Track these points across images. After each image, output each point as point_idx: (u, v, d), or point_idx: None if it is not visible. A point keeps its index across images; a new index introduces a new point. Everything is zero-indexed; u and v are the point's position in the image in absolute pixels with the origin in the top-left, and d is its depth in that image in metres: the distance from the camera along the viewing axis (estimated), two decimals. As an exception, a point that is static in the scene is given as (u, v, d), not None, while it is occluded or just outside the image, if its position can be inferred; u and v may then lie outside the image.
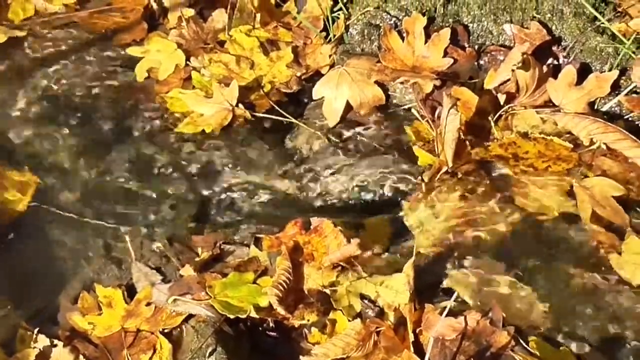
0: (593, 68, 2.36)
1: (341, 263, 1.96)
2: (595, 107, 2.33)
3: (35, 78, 2.59)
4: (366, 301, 1.93)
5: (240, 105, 2.42)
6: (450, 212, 2.13)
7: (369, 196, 2.24)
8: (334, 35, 2.58)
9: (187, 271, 2.02)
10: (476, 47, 2.48)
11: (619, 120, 2.29)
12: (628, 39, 2.31)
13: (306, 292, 1.95)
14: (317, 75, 2.52)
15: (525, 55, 2.24)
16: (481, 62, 2.46)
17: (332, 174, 2.29)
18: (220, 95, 2.42)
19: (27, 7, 2.79)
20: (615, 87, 2.31)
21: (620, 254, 1.99)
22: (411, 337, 1.82)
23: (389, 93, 2.44)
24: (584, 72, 2.32)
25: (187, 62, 2.59)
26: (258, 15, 2.65)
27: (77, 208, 2.25)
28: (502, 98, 2.30)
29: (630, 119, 2.31)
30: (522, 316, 1.90)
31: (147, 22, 2.76)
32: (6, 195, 2.25)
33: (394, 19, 2.52)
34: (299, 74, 2.53)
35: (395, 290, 1.90)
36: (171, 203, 2.27)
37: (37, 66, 2.63)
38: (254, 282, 1.98)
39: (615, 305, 1.93)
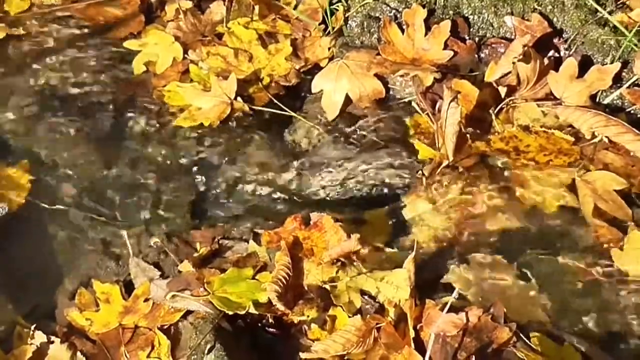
0: (595, 60, 2.34)
1: (341, 258, 1.95)
2: (597, 100, 2.32)
3: (31, 72, 2.58)
4: (366, 297, 1.92)
5: (239, 99, 2.41)
6: (451, 207, 2.12)
7: (368, 190, 2.23)
8: (333, 28, 2.56)
9: (186, 267, 2.01)
10: (477, 39, 2.47)
11: (621, 113, 2.28)
12: (630, 31, 2.30)
13: (306, 287, 1.94)
14: (316, 68, 2.51)
15: (526, 48, 2.23)
16: (482, 54, 2.45)
17: (332, 167, 2.28)
18: (219, 88, 2.41)
19: (23, 0, 2.77)
20: (617, 80, 2.30)
21: (622, 248, 1.98)
22: (412, 333, 1.81)
23: (389, 86, 2.43)
24: (585, 64, 2.31)
25: (185, 55, 2.57)
26: (256, 8, 2.64)
27: (75, 203, 2.24)
28: (502, 91, 2.30)
29: (632, 111, 2.30)
30: (523, 312, 1.90)
31: (144, 14, 2.74)
32: (3, 191, 2.24)
33: (393, 11, 2.50)
34: (297, 66, 2.52)
35: (395, 286, 1.89)
36: (169, 198, 2.26)
37: (33, 59, 2.62)
38: (253, 278, 1.97)
39: (617, 300, 1.93)
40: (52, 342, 1.93)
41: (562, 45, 2.39)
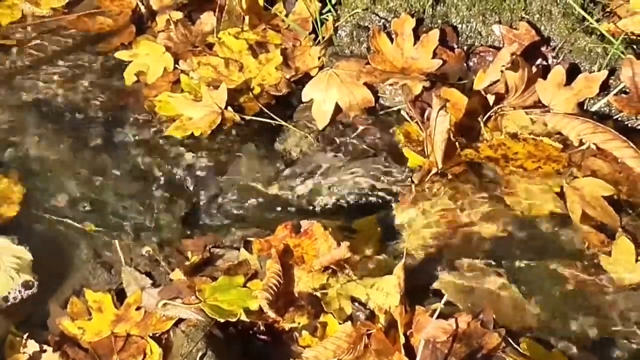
0: (582, 68, 2.36)
1: (331, 266, 1.96)
2: (585, 107, 2.33)
3: (22, 82, 2.58)
4: (357, 304, 1.93)
5: (230, 108, 2.42)
6: (441, 214, 2.13)
7: (359, 198, 2.24)
8: (323, 37, 2.58)
9: (177, 275, 2.01)
10: (465, 48, 2.48)
11: (609, 121, 2.29)
12: (617, 39, 2.32)
13: (297, 295, 1.95)
14: (306, 77, 2.52)
15: (514, 56, 2.24)
16: (470, 63, 2.47)
17: (322, 176, 2.29)
18: (209, 98, 2.41)
19: (14, 11, 2.78)
20: (605, 87, 2.31)
21: (610, 254, 1.99)
22: (402, 340, 1.82)
23: (379, 95, 2.44)
24: (573, 72, 2.32)
25: (176, 66, 2.58)
26: (247, 18, 2.65)
27: (66, 213, 2.24)
28: (491, 99, 2.31)
29: (619, 119, 2.32)
30: (513, 317, 1.91)
31: (135, 25, 2.75)
32: (-5, 201, 2.25)
33: (382, 20, 2.52)
34: (288, 76, 2.53)
35: (385, 293, 1.90)
36: (161, 207, 2.27)
37: (25, 70, 2.62)
38: (244, 286, 1.98)
39: (605, 306, 1.94)
40: (45, 351, 1.93)
41: (550, 54, 2.41)
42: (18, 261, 2.12)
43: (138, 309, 1.99)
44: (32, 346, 1.93)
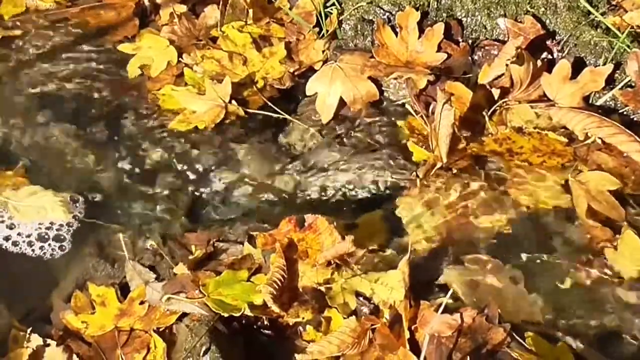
0: (587, 62, 2.35)
1: (336, 260, 1.95)
2: (590, 101, 2.33)
3: (26, 75, 2.58)
4: (361, 298, 1.92)
5: (233, 102, 2.41)
6: (445, 208, 2.12)
7: (363, 192, 2.23)
8: (327, 31, 2.57)
9: (181, 269, 2.01)
10: (470, 41, 2.47)
11: (614, 115, 2.29)
12: (622, 33, 2.31)
13: (301, 289, 1.94)
14: (310, 71, 2.51)
15: (519, 50, 2.23)
16: (475, 56, 2.46)
17: (326, 170, 2.28)
18: (213, 91, 2.41)
19: (17, 3, 2.78)
20: (610, 81, 2.31)
21: (615, 248, 1.99)
22: (407, 334, 1.81)
23: (383, 88, 2.44)
24: (578, 66, 2.31)
25: (180, 59, 2.58)
26: (250, 11, 2.64)
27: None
28: (496, 93, 2.30)
29: (625, 112, 2.31)
30: (518, 312, 1.90)
31: (138, 18, 2.74)
32: (-1, 194, 2.25)
33: (387, 13, 2.51)
34: (292, 70, 2.52)
35: (390, 287, 1.90)
36: (164, 201, 2.26)
37: (29, 63, 2.62)
38: (248, 280, 1.98)
39: (611, 300, 1.94)
40: (48, 345, 1.92)
41: (555, 47, 2.40)
42: (43, 191, 2.22)
43: (142, 303, 1.99)
44: (36, 340, 1.93)
